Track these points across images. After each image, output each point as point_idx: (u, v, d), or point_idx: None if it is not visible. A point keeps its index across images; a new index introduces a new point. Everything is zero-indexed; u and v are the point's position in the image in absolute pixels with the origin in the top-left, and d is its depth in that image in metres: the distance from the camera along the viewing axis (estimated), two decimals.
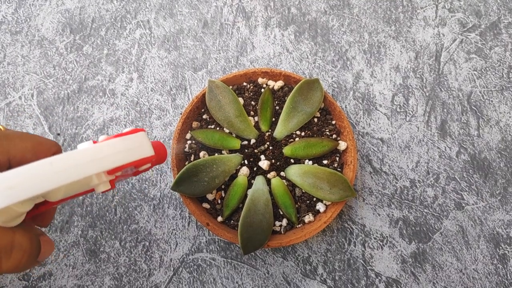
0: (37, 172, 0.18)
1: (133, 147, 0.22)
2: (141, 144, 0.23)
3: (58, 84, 0.45)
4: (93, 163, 0.20)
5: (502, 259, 0.39)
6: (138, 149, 0.23)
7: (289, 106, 0.38)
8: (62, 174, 0.19)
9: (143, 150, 0.23)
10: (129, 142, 0.22)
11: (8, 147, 0.22)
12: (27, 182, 0.18)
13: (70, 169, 0.19)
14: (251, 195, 0.36)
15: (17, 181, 0.18)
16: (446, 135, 0.43)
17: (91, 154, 0.20)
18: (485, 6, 0.47)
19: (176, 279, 0.39)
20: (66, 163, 0.19)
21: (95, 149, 0.21)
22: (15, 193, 0.18)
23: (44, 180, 0.18)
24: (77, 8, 0.48)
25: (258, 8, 0.48)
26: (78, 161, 0.20)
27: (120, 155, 0.21)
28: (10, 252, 0.20)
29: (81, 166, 0.20)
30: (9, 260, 0.20)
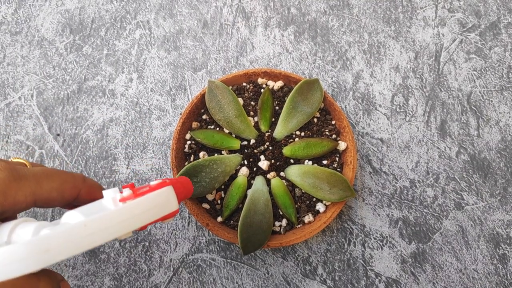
0: (72, 235, 0.19)
1: (160, 204, 0.23)
2: (167, 199, 0.24)
3: (57, 85, 0.45)
4: (124, 223, 0.21)
5: (502, 259, 0.39)
6: (165, 206, 0.23)
7: (289, 106, 0.38)
8: (96, 236, 0.20)
9: (169, 206, 0.24)
10: (157, 199, 0.23)
11: (35, 189, 0.23)
12: (63, 245, 0.19)
13: (103, 230, 0.20)
14: (251, 195, 0.36)
15: (53, 245, 0.18)
16: (446, 135, 0.43)
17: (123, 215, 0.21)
18: (484, 6, 0.47)
19: (176, 279, 0.39)
20: (99, 225, 0.20)
21: (126, 210, 0.21)
22: (51, 256, 0.18)
23: (79, 243, 0.19)
24: (77, 8, 0.48)
25: (258, 9, 0.48)
26: (110, 222, 0.20)
27: (149, 213, 0.22)
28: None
29: (113, 228, 0.20)
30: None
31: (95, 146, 0.43)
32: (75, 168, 0.42)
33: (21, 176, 0.23)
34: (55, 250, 0.18)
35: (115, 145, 0.43)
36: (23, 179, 0.23)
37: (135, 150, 0.43)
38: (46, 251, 0.18)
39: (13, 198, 0.22)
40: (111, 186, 0.41)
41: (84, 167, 0.42)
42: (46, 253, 0.18)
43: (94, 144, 0.43)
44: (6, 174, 0.22)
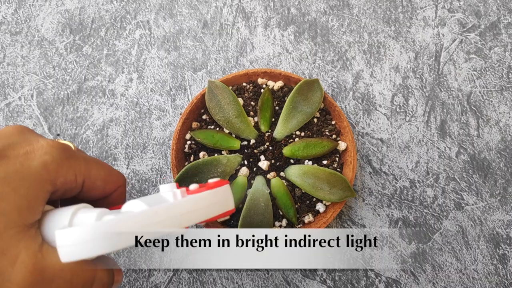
0: (144, 220, 0.19)
1: (220, 201, 0.23)
2: (226, 197, 0.24)
3: (57, 85, 0.45)
4: (190, 215, 0.21)
5: (502, 259, 0.39)
6: (224, 203, 0.24)
7: (289, 106, 0.38)
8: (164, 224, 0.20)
9: (228, 204, 0.24)
10: (218, 196, 0.23)
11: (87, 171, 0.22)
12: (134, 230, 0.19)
13: (171, 219, 0.20)
14: (251, 195, 0.36)
15: (125, 228, 0.18)
16: (446, 135, 0.43)
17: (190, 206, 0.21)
18: (484, 7, 0.47)
19: (176, 279, 0.39)
20: (169, 213, 0.20)
21: (193, 201, 0.21)
22: (121, 240, 0.18)
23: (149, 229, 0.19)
24: (77, 8, 0.48)
25: (258, 9, 0.48)
26: (179, 212, 0.20)
27: (211, 208, 0.22)
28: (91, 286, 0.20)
29: (180, 218, 0.20)
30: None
31: (95, 146, 0.43)
32: None
33: (72, 155, 0.22)
34: (126, 234, 0.18)
35: (115, 145, 0.43)
36: (74, 159, 0.22)
37: (135, 150, 0.43)
38: (118, 234, 0.18)
39: (64, 177, 0.21)
40: None
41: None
42: (117, 236, 0.18)
43: (94, 144, 0.43)
44: (58, 152, 0.21)
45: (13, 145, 0.20)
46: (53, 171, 0.20)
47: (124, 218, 0.18)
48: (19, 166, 0.19)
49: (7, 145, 0.20)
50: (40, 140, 0.21)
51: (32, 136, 0.22)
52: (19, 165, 0.19)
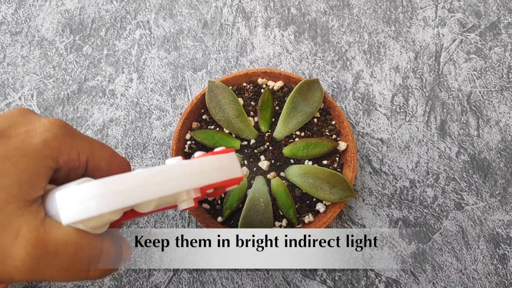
0: (146, 180, 0.19)
1: (225, 167, 0.23)
2: (233, 164, 0.23)
3: (58, 85, 0.45)
4: (193, 177, 0.21)
5: (502, 259, 0.39)
6: (231, 169, 0.23)
7: (289, 106, 0.38)
8: (167, 184, 0.19)
9: (234, 171, 0.23)
10: (223, 162, 0.23)
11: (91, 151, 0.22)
12: (137, 189, 0.18)
13: (174, 180, 0.20)
14: (251, 195, 0.36)
15: (127, 187, 0.18)
16: (446, 135, 0.43)
17: (193, 168, 0.21)
18: (484, 7, 0.47)
19: (176, 279, 0.39)
20: (171, 174, 0.20)
21: (196, 164, 0.21)
22: (124, 198, 0.18)
23: (152, 189, 0.19)
24: (77, 8, 0.48)
25: (258, 9, 0.48)
26: (182, 173, 0.20)
27: (216, 172, 0.22)
28: (98, 261, 0.20)
29: (184, 178, 0.20)
30: (96, 268, 0.20)
31: None
32: None
33: (75, 134, 0.22)
34: (128, 192, 0.18)
35: (115, 145, 0.43)
36: (77, 137, 0.22)
37: (135, 150, 0.43)
38: (119, 192, 0.18)
39: (67, 154, 0.21)
40: None
41: None
42: (118, 194, 0.18)
43: None
44: (59, 129, 0.21)
45: (14, 125, 0.20)
46: (54, 147, 0.20)
47: (125, 177, 0.18)
48: (19, 143, 0.19)
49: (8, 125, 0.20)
50: (42, 119, 0.21)
51: (34, 116, 0.21)
52: (20, 143, 0.19)
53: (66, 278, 0.19)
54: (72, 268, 0.19)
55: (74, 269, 0.19)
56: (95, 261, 0.20)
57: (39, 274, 0.18)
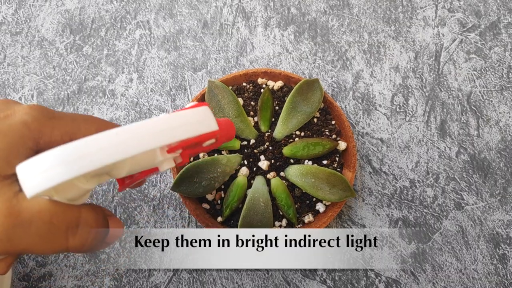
0: (105, 142, 0.18)
1: (197, 121, 0.21)
2: (205, 118, 0.22)
3: (58, 85, 0.45)
4: (158, 134, 0.19)
5: (502, 259, 0.39)
6: (202, 123, 0.21)
7: (289, 106, 0.38)
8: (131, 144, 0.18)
9: (207, 124, 0.22)
10: (193, 116, 0.21)
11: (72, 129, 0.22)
12: (96, 152, 0.18)
13: (138, 139, 0.19)
14: (251, 195, 0.36)
15: (85, 151, 0.17)
16: (446, 135, 0.43)
17: (157, 126, 0.19)
18: (484, 6, 0.47)
19: (176, 279, 0.39)
20: (133, 133, 0.19)
21: (161, 121, 0.20)
22: (84, 163, 0.17)
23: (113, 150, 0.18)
24: (77, 8, 0.48)
25: (258, 8, 0.48)
26: (145, 131, 0.19)
27: (185, 127, 0.20)
28: (77, 229, 0.20)
29: (148, 137, 0.19)
30: (75, 237, 0.20)
31: None
32: None
33: (56, 115, 0.22)
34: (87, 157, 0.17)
35: None
36: (58, 118, 0.22)
37: None
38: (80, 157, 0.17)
39: (49, 136, 0.21)
40: (111, 186, 0.41)
41: None
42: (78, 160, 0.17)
43: None
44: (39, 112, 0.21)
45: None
46: (35, 129, 0.20)
47: (88, 140, 0.18)
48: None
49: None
50: (22, 105, 0.21)
51: (15, 104, 0.22)
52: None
53: (45, 247, 0.19)
54: (49, 235, 0.19)
55: (52, 237, 0.19)
56: (73, 228, 0.20)
57: (17, 244, 0.18)
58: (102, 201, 0.41)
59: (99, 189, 0.41)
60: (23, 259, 0.39)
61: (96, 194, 0.41)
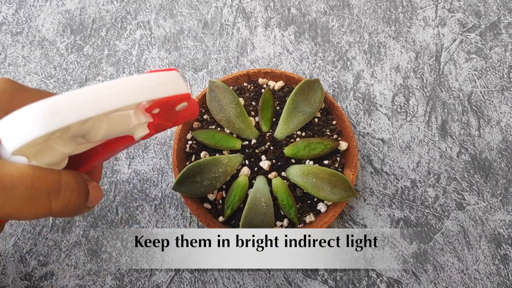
0: (81, 97, 0.18)
1: (168, 82, 0.22)
2: (175, 81, 0.23)
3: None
4: (132, 92, 0.20)
5: (504, 260, 0.39)
6: (173, 85, 0.22)
7: (290, 106, 0.38)
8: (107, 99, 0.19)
9: (179, 87, 0.23)
10: (166, 77, 0.22)
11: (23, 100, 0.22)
12: (73, 107, 0.18)
13: (114, 95, 0.19)
14: (252, 195, 0.36)
15: (62, 106, 0.18)
16: (447, 135, 0.43)
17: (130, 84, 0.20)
18: (485, 6, 0.47)
19: (177, 279, 0.39)
20: (109, 90, 0.19)
21: (135, 79, 0.20)
22: (61, 117, 0.18)
23: (89, 105, 0.18)
24: (78, 9, 0.48)
25: (258, 9, 0.48)
26: (120, 89, 0.20)
27: (157, 88, 0.21)
28: (59, 192, 0.20)
29: (123, 93, 0.20)
30: (58, 200, 0.20)
31: None
32: None
33: (25, 88, 0.22)
34: (64, 112, 0.18)
35: None
36: (27, 91, 0.22)
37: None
38: (57, 112, 0.18)
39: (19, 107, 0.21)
40: (112, 186, 0.41)
41: None
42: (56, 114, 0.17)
43: None
44: (7, 84, 0.21)
45: None
46: (5, 101, 0.20)
47: (65, 96, 0.18)
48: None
49: None
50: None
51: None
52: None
53: (29, 211, 0.19)
54: (32, 200, 0.19)
55: (35, 201, 0.19)
56: (55, 192, 0.20)
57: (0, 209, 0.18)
58: (104, 201, 0.41)
59: None
60: (25, 259, 0.39)
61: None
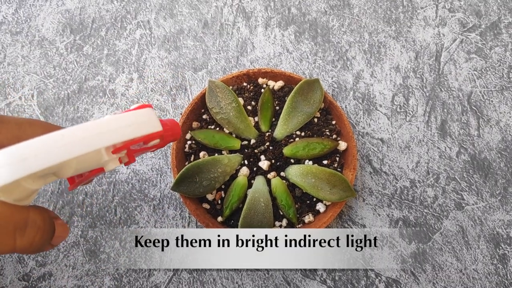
0: (50, 143, 0.18)
1: (141, 122, 0.22)
2: (149, 119, 0.23)
3: (58, 85, 0.45)
4: (102, 135, 0.20)
5: (502, 259, 0.39)
6: (146, 124, 0.22)
7: (289, 106, 0.38)
8: (75, 145, 0.19)
9: (151, 125, 0.23)
10: (137, 117, 0.22)
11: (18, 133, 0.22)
12: (41, 153, 0.18)
13: (82, 140, 0.19)
14: (251, 195, 0.36)
15: (31, 152, 0.18)
16: (446, 135, 0.43)
17: (102, 127, 0.20)
18: (485, 6, 0.47)
19: (176, 279, 0.39)
20: (77, 134, 0.19)
21: (105, 123, 0.21)
22: (29, 164, 0.18)
23: (57, 151, 0.18)
24: (77, 8, 0.48)
25: (258, 8, 0.48)
26: (89, 133, 0.20)
27: (129, 129, 0.21)
28: (24, 229, 0.20)
29: (92, 138, 0.20)
30: (23, 237, 0.20)
31: None
32: None
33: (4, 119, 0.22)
34: (33, 158, 0.18)
35: None
36: (4, 123, 0.22)
37: None
38: (24, 159, 0.18)
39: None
40: (111, 186, 0.41)
41: None
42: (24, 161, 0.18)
43: None
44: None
45: None
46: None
47: (32, 142, 0.18)
48: None
49: None
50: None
51: None
52: None
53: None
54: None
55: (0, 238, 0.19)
56: (21, 230, 0.20)
57: None
58: (102, 201, 0.41)
59: (99, 189, 0.41)
60: (23, 259, 0.39)
61: (96, 194, 0.41)
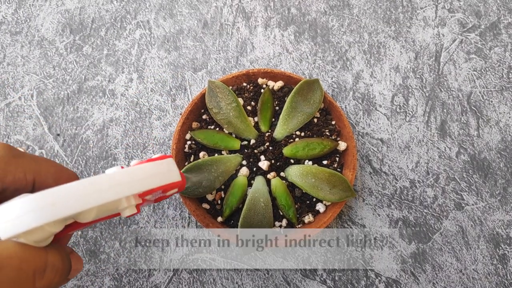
0: (79, 190, 0.19)
1: (163, 172, 0.24)
2: (170, 169, 0.24)
3: (58, 85, 0.45)
4: (129, 184, 0.21)
5: (502, 259, 0.39)
6: (168, 174, 0.24)
7: (289, 106, 0.38)
8: (103, 193, 0.20)
9: (172, 175, 0.24)
10: (160, 167, 0.24)
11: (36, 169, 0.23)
12: (70, 200, 0.19)
13: (109, 189, 0.20)
14: (251, 195, 0.36)
15: (60, 198, 0.19)
16: (446, 136, 0.43)
17: (127, 176, 0.21)
18: (484, 7, 0.47)
19: (176, 280, 0.39)
20: (105, 183, 0.20)
21: (130, 172, 0.22)
22: (57, 210, 0.18)
23: (86, 199, 0.19)
24: (77, 8, 0.48)
25: (258, 9, 0.48)
26: (116, 182, 0.21)
27: (152, 178, 0.23)
28: (44, 273, 0.20)
29: (119, 187, 0.21)
30: (42, 280, 0.20)
31: (95, 146, 0.43)
32: (75, 168, 0.42)
33: (20, 154, 0.23)
34: (61, 204, 0.18)
35: (115, 145, 0.43)
36: (22, 157, 0.23)
37: (135, 150, 0.43)
38: (52, 205, 0.18)
39: (13, 174, 0.22)
40: None
41: (84, 167, 0.42)
42: (52, 206, 0.18)
43: (94, 144, 0.43)
44: (4, 151, 0.22)
45: None
46: (0, 169, 0.21)
47: (60, 189, 0.19)
48: None
49: None
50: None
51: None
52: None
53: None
54: (17, 280, 0.19)
55: (20, 282, 0.19)
56: (40, 273, 0.20)
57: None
58: None
59: None
60: None
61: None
